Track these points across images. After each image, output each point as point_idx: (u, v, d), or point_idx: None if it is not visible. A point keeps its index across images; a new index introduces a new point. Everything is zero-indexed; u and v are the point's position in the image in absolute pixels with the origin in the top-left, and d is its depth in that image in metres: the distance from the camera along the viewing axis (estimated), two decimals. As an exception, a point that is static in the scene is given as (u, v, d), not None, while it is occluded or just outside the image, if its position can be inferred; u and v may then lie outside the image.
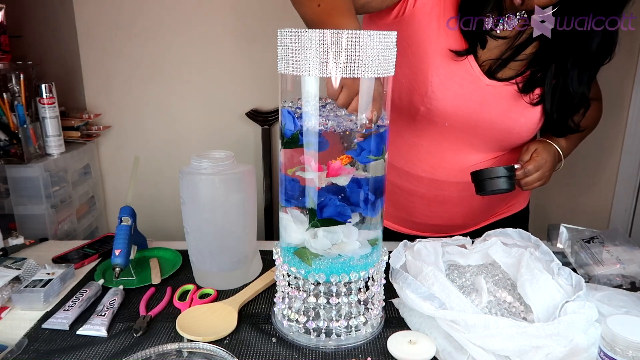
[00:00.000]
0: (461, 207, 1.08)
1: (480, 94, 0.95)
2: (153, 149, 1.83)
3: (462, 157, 1.02)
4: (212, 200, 0.88)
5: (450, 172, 1.03)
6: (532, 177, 0.96)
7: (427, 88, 0.93)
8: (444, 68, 0.92)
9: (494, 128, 0.98)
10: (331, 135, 0.70)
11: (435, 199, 1.07)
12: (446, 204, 1.07)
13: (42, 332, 0.79)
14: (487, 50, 0.94)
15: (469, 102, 0.95)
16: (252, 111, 1.78)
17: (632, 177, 1.73)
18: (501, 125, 0.97)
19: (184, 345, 0.73)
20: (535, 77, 0.95)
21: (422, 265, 0.82)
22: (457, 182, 1.03)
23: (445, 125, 0.97)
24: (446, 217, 1.10)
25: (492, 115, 0.96)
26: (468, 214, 1.10)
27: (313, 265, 0.73)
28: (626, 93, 1.67)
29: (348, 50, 0.63)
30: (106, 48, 1.74)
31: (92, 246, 1.09)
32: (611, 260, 0.95)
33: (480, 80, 0.94)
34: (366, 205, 0.74)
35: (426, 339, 0.75)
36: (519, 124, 0.97)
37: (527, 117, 0.97)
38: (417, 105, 0.96)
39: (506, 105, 0.96)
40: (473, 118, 0.96)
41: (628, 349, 0.58)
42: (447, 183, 1.04)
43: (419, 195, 1.07)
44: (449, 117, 0.96)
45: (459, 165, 1.02)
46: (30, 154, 1.42)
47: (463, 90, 0.94)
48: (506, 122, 0.97)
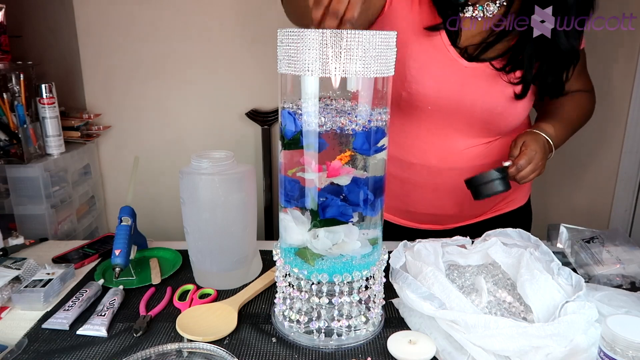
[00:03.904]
0: (455, 195, 1.09)
1: (459, 76, 0.98)
2: (153, 149, 1.83)
3: (452, 142, 1.04)
4: (212, 200, 0.88)
5: (441, 157, 1.05)
6: (525, 170, 0.97)
7: (407, 72, 0.97)
8: (422, 53, 0.96)
9: (476, 110, 1.00)
10: (331, 135, 0.70)
11: (428, 186, 1.08)
12: (439, 191, 1.09)
13: (42, 332, 0.79)
14: (470, 37, 0.97)
15: (448, 85, 0.98)
16: (252, 111, 1.78)
17: (632, 177, 1.73)
18: (483, 107, 0.99)
19: (184, 345, 0.73)
20: (516, 58, 0.97)
21: (422, 266, 0.82)
22: (449, 169, 1.05)
23: (428, 109, 1.00)
24: (440, 205, 1.11)
25: (474, 96, 0.99)
26: (463, 203, 1.10)
27: (315, 265, 0.73)
28: (626, 93, 1.67)
29: (348, 50, 0.63)
30: (106, 48, 1.74)
31: (92, 246, 1.09)
32: (611, 260, 0.95)
33: (458, 63, 0.97)
34: (366, 205, 0.74)
35: (426, 339, 0.75)
36: (501, 104, 0.99)
37: (509, 97, 0.99)
38: (399, 90, 0.99)
39: (486, 86, 0.98)
40: (454, 100, 0.99)
41: (628, 349, 0.58)
42: (439, 169, 1.06)
43: (412, 182, 1.09)
44: (430, 100, 0.98)
45: (449, 150, 1.04)
46: (30, 154, 1.42)
47: (442, 72, 0.96)
48: (488, 103, 0.99)
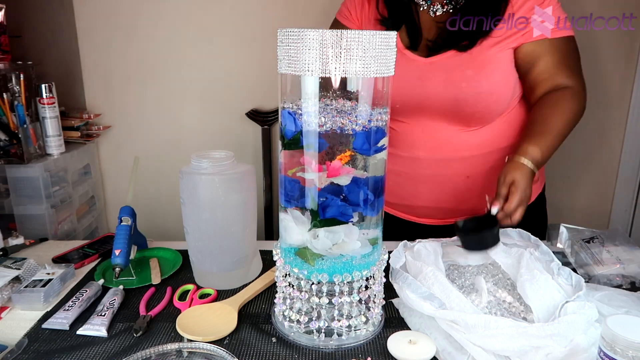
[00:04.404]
0: (449, 187, 1.10)
1: (415, 70, 1.04)
2: (153, 149, 1.83)
3: (436, 133, 1.07)
4: (212, 200, 0.88)
5: (426, 148, 1.08)
6: (517, 214, 0.92)
7: None
8: None
9: (441, 99, 1.03)
10: (331, 135, 0.70)
11: (419, 178, 1.10)
12: (432, 182, 1.11)
13: (42, 332, 0.79)
14: (425, 31, 1.05)
15: (407, 81, 1.03)
16: (252, 111, 1.78)
17: (632, 177, 1.73)
18: (447, 95, 1.03)
19: (184, 345, 0.73)
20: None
21: (422, 266, 0.82)
22: (437, 160, 1.08)
23: (397, 107, 1.04)
24: (435, 198, 1.12)
25: (435, 87, 1.03)
26: (456, 196, 1.11)
27: (315, 265, 0.73)
28: (626, 93, 1.67)
29: (348, 50, 0.63)
30: (106, 48, 1.74)
31: (92, 246, 1.09)
32: (611, 260, 0.95)
33: (415, 61, 1.04)
34: (366, 205, 0.74)
35: (426, 339, 0.75)
36: (463, 91, 1.02)
37: (470, 83, 1.01)
38: None
39: (445, 75, 1.02)
40: (417, 93, 1.03)
41: (628, 349, 0.58)
42: (427, 160, 1.08)
43: (404, 175, 1.11)
44: (395, 99, 0.99)
45: (433, 141, 1.07)
46: (30, 154, 1.42)
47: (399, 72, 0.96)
48: (450, 91, 1.02)
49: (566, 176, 1.78)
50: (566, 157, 1.73)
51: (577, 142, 1.73)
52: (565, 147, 1.09)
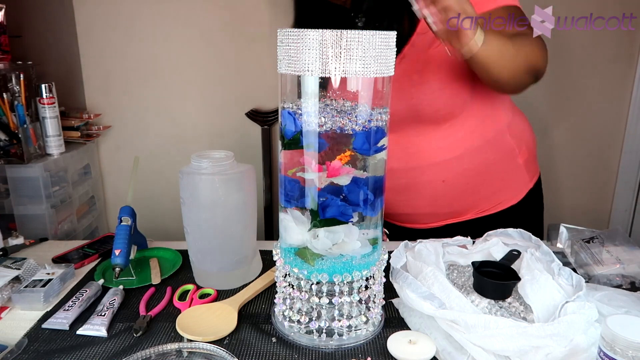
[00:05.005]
0: (424, 195, 1.10)
1: None
2: (153, 149, 1.83)
3: (403, 143, 1.06)
4: (212, 200, 0.88)
5: (397, 159, 1.06)
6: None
7: None
8: None
9: (398, 110, 0.99)
10: (331, 135, 0.70)
11: (395, 188, 1.09)
12: (404, 192, 1.10)
13: (42, 332, 0.79)
14: None
15: None
16: (252, 111, 1.78)
17: (632, 177, 1.73)
18: (402, 105, 1.01)
19: (184, 345, 0.73)
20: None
21: (422, 266, 0.82)
22: (410, 169, 1.07)
23: None
24: (411, 205, 1.13)
25: None
26: (435, 201, 1.11)
27: (315, 265, 0.73)
28: (626, 93, 1.68)
29: (348, 50, 0.63)
30: (106, 48, 1.74)
31: (92, 246, 1.09)
32: (611, 260, 0.95)
33: None
34: (366, 205, 0.74)
35: (426, 339, 0.75)
36: (414, 96, 1.01)
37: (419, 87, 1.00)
38: None
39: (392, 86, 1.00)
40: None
41: (628, 349, 0.58)
42: (400, 171, 1.07)
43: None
44: None
45: (403, 151, 1.06)
46: (30, 154, 1.42)
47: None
48: (403, 100, 1.01)
49: (566, 176, 1.79)
50: (566, 157, 1.73)
51: (577, 142, 1.73)
52: (565, 147, 1.09)
